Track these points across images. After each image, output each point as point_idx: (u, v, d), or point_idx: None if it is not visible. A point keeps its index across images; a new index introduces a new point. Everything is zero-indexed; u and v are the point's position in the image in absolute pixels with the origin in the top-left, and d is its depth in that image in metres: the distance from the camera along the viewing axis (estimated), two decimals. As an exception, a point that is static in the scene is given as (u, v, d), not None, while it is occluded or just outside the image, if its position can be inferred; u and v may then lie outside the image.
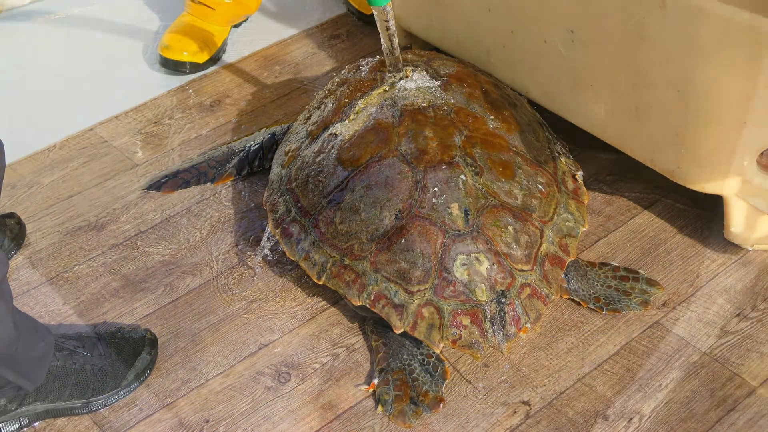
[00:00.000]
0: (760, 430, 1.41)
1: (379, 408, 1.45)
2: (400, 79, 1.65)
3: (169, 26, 2.25)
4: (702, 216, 1.75)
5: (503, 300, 1.45)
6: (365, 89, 1.68)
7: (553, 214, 1.56)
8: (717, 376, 1.48)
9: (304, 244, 1.56)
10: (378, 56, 1.78)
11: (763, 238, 1.66)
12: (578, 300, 1.59)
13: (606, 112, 1.67)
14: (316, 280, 1.53)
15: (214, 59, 2.24)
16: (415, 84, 1.64)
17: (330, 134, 1.64)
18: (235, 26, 2.33)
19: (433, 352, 1.49)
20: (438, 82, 1.65)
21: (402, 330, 1.45)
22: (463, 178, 1.50)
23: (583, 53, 1.64)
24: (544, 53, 1.73)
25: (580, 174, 1.67)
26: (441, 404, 1.44)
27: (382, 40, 1.62)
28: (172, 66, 2.20)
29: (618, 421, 1.42)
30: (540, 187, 1.56)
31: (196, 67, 2.21)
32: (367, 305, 1.47)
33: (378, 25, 1.60)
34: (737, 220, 1.62)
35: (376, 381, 1.48)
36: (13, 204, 1.86)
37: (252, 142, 1.89)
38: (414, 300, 1.45)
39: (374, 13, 1.58)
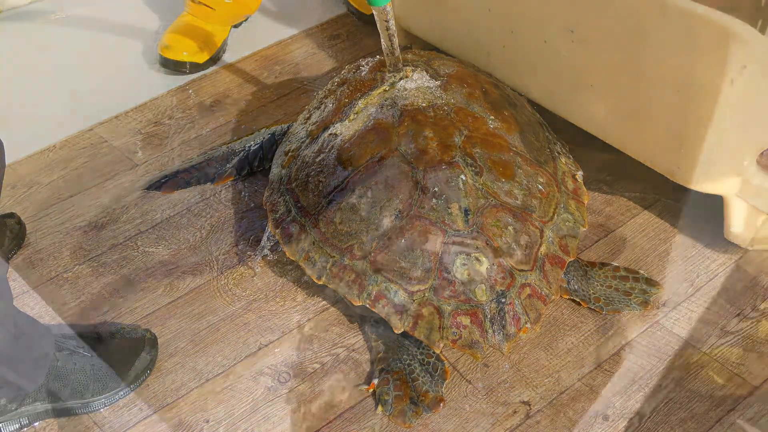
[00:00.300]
0: (760, 430, 1.41)
1: (379, 408, 1.45)
2: (400, 79, 1.65)
3: (169, 26, 2.25)
4: (702, 216, 1.75)
5: (503, 300, 1.45)
6: (365, 89, 1.68)
7: (553, 214, 1.56)
8: (717, 376, 1.48)
9: (304, 244, 1.56)
10: (378, 56, 1.78)
11: (763, 238, 1.66)
12: (578, 300, 1.59)
13: (606, 112, 1.67)
14: (316, 280, 1.53)
15: (214, 59, 2.24)
16: (415, 84, 1.64)
17: (330, 134, 1.64)
18: (235, 26, 2.33)
19: (433, 352, 1.49)
20: (438, 82, 1.65)
21: (402, 330, 1.45)
22: (463, 178, 1.50)
23: (583, 53, 1.64)
24: (544, 53, 1.72)
25: (580, 174, 1.67)
26: (441, 404, 1.44)
27: (382, 40, 1.62)
28: (172, 66, 2.20)
29: (618, 421, 1.42)
30: (540, 187, 1.56)
31: (196, 67, 2.20)
32: (367, 305, 1.47)
33: (378, 25, 1.60)
34: (737, 220, 1.62)
35: (376, 381, 1.48)
36: (13, 204, 1.86)
37: (252, 142, 1.88)
38: (414, 300, 1.45)
39: (374, 13, 1.58)
